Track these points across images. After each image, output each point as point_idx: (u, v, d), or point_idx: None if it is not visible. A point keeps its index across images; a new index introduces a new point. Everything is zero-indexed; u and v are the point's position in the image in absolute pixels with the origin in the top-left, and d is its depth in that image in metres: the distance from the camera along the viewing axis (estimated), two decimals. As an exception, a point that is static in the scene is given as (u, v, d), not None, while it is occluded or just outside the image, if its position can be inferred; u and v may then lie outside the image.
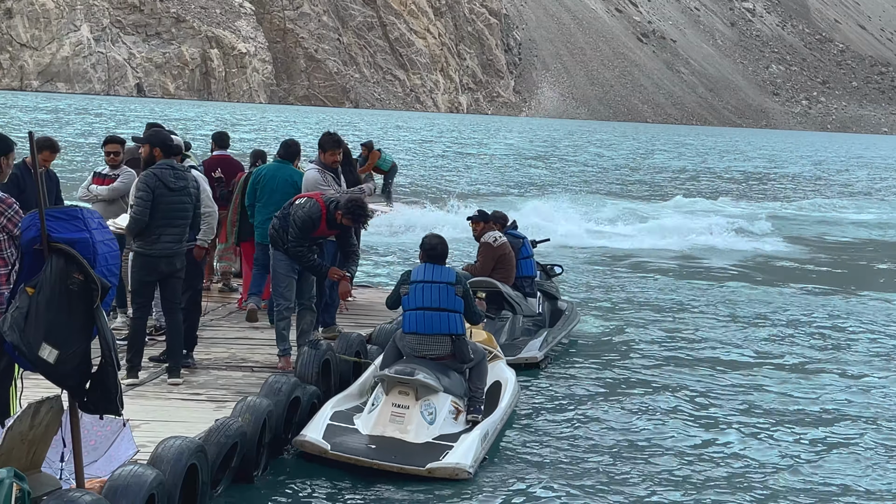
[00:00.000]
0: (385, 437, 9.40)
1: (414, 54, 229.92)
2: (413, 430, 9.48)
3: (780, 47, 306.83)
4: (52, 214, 6.12)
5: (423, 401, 9.62)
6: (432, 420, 9.60)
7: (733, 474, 9.68)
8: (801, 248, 29.64)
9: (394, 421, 9.53)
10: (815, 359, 14.87)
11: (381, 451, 9.17)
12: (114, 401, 6.14)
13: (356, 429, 9.51)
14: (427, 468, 8.96)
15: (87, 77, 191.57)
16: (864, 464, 10.14)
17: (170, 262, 9.90)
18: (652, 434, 10.80)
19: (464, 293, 10.25)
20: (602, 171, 63.78)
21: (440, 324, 10.15)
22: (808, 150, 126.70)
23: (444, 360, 10.17)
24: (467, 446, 9.28)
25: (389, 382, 9.72)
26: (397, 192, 33.67)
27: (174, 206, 9.86)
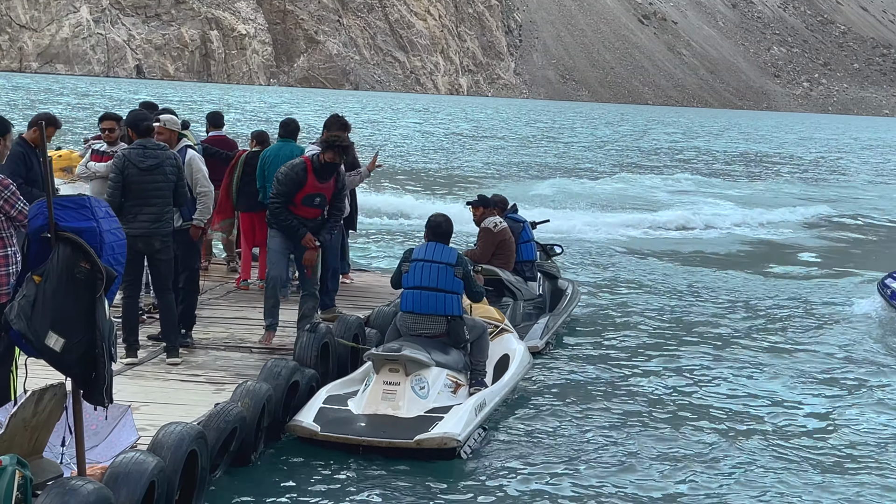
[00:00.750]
0: (377, 414, 9.45)
1: (414, 36, 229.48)
2: (405, 405, 9.53)
3: (782, 29, 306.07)
4: (60, 203, 6.17)
5: (413, 376, 9.69)
6: (424, 394, 9.66)
7: (732, 457, 9.72)
8: (809, 232, 29.57)
9: (385, 398, 9.58)
10: (814, 340, 14.92)
11: (372, 428, 9.21)
12: (101, 392, 6.19)
13: (349, 410, 9.58)
14: (415, 440, 8.99)
15: (87, 59, 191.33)
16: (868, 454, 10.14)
17: (147, 242, 9.93)
18: (651, 418, 10.86)
19: (464, 274, 10.35)
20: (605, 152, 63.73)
21: (436, 304, 10.26)
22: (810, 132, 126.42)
23: (439, 338, 10.29)
24: (459, 416, 9.33)
25: (378, 361, 9.82)
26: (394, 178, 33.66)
27: (146, 186, 9.90)
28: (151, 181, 9.93)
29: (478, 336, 10.51)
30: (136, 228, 9.84)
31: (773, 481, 9.15)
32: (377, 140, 60.01)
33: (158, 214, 9.97)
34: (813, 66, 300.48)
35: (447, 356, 10.15)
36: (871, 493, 8.99)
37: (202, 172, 10.82)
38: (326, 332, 10.70)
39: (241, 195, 13.91)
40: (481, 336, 10.54)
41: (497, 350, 11.16)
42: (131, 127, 10.27)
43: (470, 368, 10.39)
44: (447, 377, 9.94)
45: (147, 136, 10.09)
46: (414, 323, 10.31)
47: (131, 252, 9.80)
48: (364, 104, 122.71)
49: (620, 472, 9.15)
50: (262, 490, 8.22)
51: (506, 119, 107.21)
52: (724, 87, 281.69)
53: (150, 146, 10.03)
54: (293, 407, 9.60)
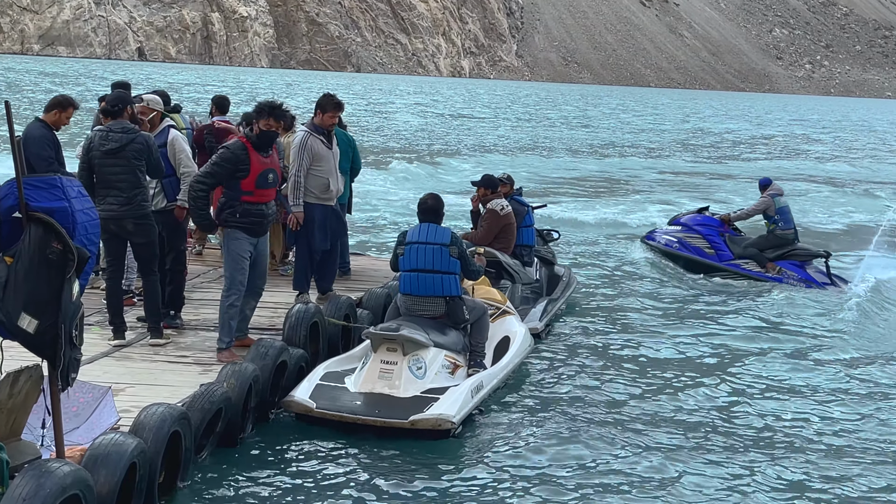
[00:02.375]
0: (374, 393, 9.43)
1: (416, 18, 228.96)
2: (402, 384, 9.52)
3: (784, 11, 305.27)
4: (31, 183, 6.06)
5: (411, 356, 9.68)
6: (421, 374, 9.65)
7: (730, 442, 9.65)
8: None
9: (382, 377, 9.57)
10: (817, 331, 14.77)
11: (367, 407, 9.19)
12: (64, 376, 6.10)
13: (345, 387, 9.55)
14: (410, 420, 8.97)
15: (88, 41, 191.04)
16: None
17: (119, 224, 9.81)
18: (648, 402, 10.79)
19: (459, 254, 10.31)
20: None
21: (433, 286, 10.24)
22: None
23: (439, 318, 10.27)
24: (454, 398, 9.32)
25: (376, 339, 9.79)
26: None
27: (109, 170, 9.80)
28: (113, 164, 9.81)
29: (478, 317, 10.49)
30: (106, 211, 9.74)
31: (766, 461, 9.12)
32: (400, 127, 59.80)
33: (128, 197, 9.81)
34: (815, 48, 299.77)
35: (445, 337, 10.13)
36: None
37: (185, 153, 10.70)
38: (316, 311, 10.61)
39: None
40: (481, 317, 10.52)
41: (498, 332, 11.13)
42: (101, 111, 10.28)
43: (469, 349, 10.37)
44: (445, 358, 9.93)
45: (117, 117, 9.97)
46: (413, 304, 10.30)
47: (108, 234, 9.76)
48: (369, 86, 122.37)
49: (617, 455, 9.06)
50: (249, 471, 8.15)
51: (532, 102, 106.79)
52: (726, 69, 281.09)
53: (116, 129, 9.86)
54: (282, 387, 9.53)
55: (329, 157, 11.91)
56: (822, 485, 8.74)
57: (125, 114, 9.95)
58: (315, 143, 11.86)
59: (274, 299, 12.34)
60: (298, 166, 11.80)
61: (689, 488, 8.44)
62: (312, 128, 11.98)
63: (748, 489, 8.51)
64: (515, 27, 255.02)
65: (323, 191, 11.88)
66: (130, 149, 9.80)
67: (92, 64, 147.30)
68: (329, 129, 11.99)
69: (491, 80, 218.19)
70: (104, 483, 6.41)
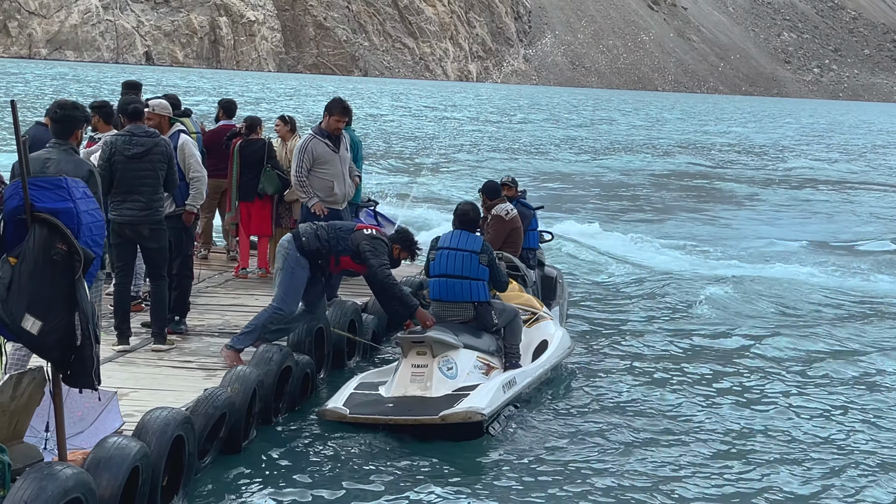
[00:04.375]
0: (406, 396, 9.56)
1: (423, 22, 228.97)
2: (433, 385, 9.64)
3: (792, 14, 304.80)
4: (36, 183, 6.06)
5: (440, 357, 9.78)
6: (453, 374, 9.75)
7: (772, 456, 9.51)
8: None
9: (414, 380, 9.69)
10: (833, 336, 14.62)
11: (399, 408, 9.32)
12: (90, 374, 6.10)
13: (379, 394, 9.69)
14: (440, 415, 9.04)
15: (96, 45, 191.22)
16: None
17: (135, 230, 9.84)
18: (685, 416, 10.67)
19: (489, 262, 10.41)
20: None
21: (462, 292, 10.34)
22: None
23: (469, 323, 10.36)
24: (485, 392, 9.42)
25: (406, 344, 9.91)
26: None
27: (133, 174, 9.79)
28: (138, 169, 9.80)
29: (509, 320, 10.57)
30: (124, 216, 9.75)
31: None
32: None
33: (147, 202, 9.84)
34: (823, 52, 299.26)
35: (478, 339, 10.22)
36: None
37: (195, 157, 10.71)
38: (321, 318, 10.61)
39: (238, 185, 13.81)
40: (513, 320, 10.60)
41: (536, 336, 11.22)
42: (120, 112, 10.22)
43: (504, 351, 10.46)
44: (477, 359, 10.01)
45: (136, 120, 9.97)
46: (442, 311, 10.40)
47: (121, 239, 9.75)
48: (378, 90, 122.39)
49: (646, 461, 9.01)
50: (252, 477, 8.12)
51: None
52: (734, 73, 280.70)
53: (139, 133, 9.87)
54: (286, 393, 9.51)
55: (335, 160, 11.90)
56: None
57: (142, 118, 9.94)
58: (318, 145, 11.86)
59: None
60: (297, 166, 11.85)
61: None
62: (318, 131, 12.01)
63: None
64: (523, 31, 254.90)
65: (327, 193, 11.89)
66: (155, 152, 9.79)
67: (101, 68, 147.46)
68: (335, 132, 11.98)
69: (499, 84, 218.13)
70: (106, 486, 6.39)
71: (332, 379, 10.81)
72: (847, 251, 23.73)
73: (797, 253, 22.79)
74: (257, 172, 13.65)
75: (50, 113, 8.26)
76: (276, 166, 13.76)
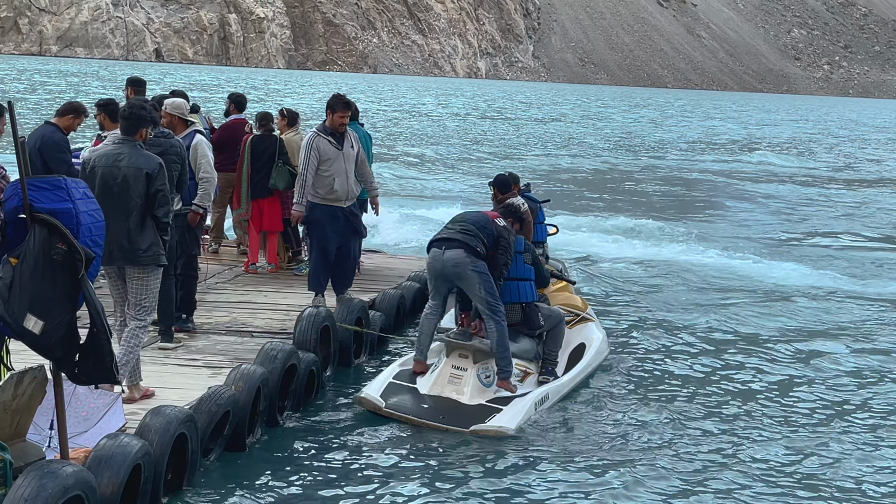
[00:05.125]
0: (441, 397, 9.69)
1: (432, 19, 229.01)
2: (468, 391, 9.73)
3: (802, 11, 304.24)
4: (35, 184, 6.06)
5: (481, 364, 9.88)
6: (489, 383, 9.85)
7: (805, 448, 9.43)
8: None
9: (452, 382, 9.83)
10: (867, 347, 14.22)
11: (432, 411, 9.46)
12: (109, 368, 6.10)
13: (416, 388, 9.80)
14: (471, 429, 9.19)
15: (106, 42, 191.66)
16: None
17: None
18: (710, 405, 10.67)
19: (533, 260, 10.47)
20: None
21: (509, 293, 10.32)
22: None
23: (515, 325, 10.33)
24: (517, 410, 9.48)
25: (450, 346, 10.02)
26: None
27: None
28: None
29: (553, 325, 10.58)
30: None
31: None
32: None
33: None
34: (833, 48, 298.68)
35: (517, 345, 10.27)
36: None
37: (207, 158, 10.64)
38: (327, 315, 10.58)
39: (249, 181, 13.82)
40: (557, 325, 10.61)
41: (575, 338, 11.24)
42: (109, 116, 10.29)
43: (542, 357, 10.47)
44: (515, 366, 10.07)
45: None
46: None
47: None
48: (390, 87, 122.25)
49: (675, 462, 8.94)
50: (257, 476, 8.07)
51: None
52: (743, 70, 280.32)
53: (155, 134, 9.86)
54: (291, 391, 9.50)
55: (338, 157, 11.85)
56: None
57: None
58: (322, 142, 11.84)
59: (286, 301, 12.35)
60: (305, 165, 11.83)
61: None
62: (322, 129, 11.99)
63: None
64: (532, 28, 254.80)
65: (327, 191, 11.84)
66: (170, 153, 9.69)
67: (111, 65, 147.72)
68: (339, 129, 11.95)
69: (507, 81, 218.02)
70: (107, 484, 6.40)
71: (339, 377, 10.79)
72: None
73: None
74: (269, 169, 13.65)
75: (120, 111, 8.75)
76: (288, 162, 13.77)
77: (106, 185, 8.31)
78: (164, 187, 8.32)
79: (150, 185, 8.29)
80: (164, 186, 8.32)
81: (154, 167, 8.27)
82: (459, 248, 9.81)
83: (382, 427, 9.34)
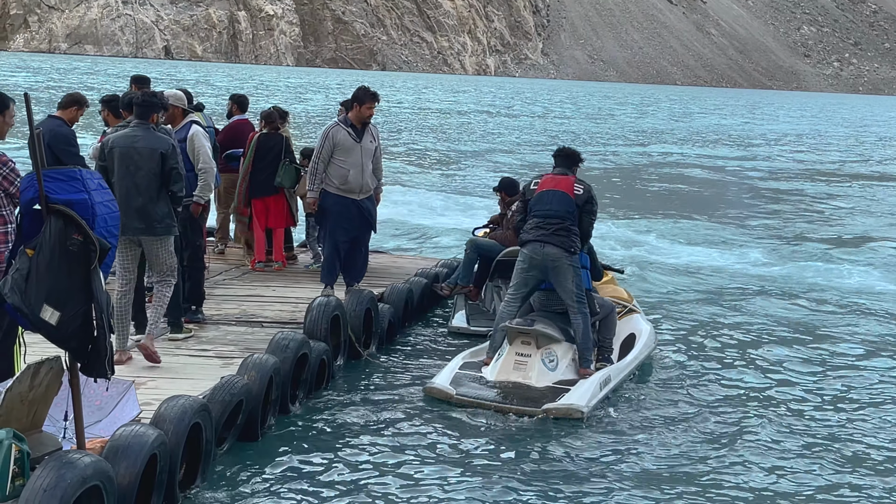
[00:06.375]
0: (508, 382, 10.01)
1: (441, 16, 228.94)
2: (535, 375, 10.07)
3: (812, 8, 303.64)
4: (51, 175, 6.09)
5: (544, 349, 10.18)
6: (553, 367, 10.16)
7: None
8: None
9: (517, 368, 10.14)
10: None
11: (503, 395, 9.77)
12: (104, 364, 6.14)
13: (482, 376, 10.14)
14: (543, 408, 9.47)
15: (115, 39, 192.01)
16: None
17: None
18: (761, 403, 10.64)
19: (589, 249, 10.76)
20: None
21: None
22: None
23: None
24: (584, 389, 9.80)
25: (512, 333, 10.27)
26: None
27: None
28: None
29: (606, 315, 10.86)
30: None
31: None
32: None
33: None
34: (843, 45, 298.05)
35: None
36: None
37: (204, 149, 10.61)
38: (337, 305, 10.61)
39: (252, 180, 13.80)
40: (609, 315, 10.91)
41: (624, 329, 11.51)
42: (111, 111, 10.43)
43: (597, 345, 10.73)
44: (575, 352, 10.36)
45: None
46: (546, 300, 10.67)
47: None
48: (400, 84, 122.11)
49: (724, 457, 8.94)
50: (271, 464, 8.10)
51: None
52: (753, 66, 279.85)
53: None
54: (303, 380, 9.54)
55: (355, 149, 11.90)
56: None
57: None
58: (339, 132, 11.88)
59: (295, 294, 12.40)
60: (318, 153, 11.89)
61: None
62: (343, 119, 12.04)
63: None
64: (541, 25, 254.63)
65: (342, 182, 11.89)
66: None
67: (120, 62, 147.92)
68: (365, 122, 12.01)
69: (517, 78, 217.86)
70: (125, 474, 6.42)
71: (348, 367, 10.83)
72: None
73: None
74: (274, 166, 13.65)
75: (134, 98, 9.61)
76: (294, 160, 13.79)
77: (123, 163, 9.14)
78: (178, 165, 9.19)
79: (165, 163, 9.14)
80: (178, 164, 9.19)
81: (167, 147, 9.14)
82: (559, 246, 10.32)
83: (393, 415, 9.37)
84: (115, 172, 9.17)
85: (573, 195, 10.40)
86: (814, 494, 8.30)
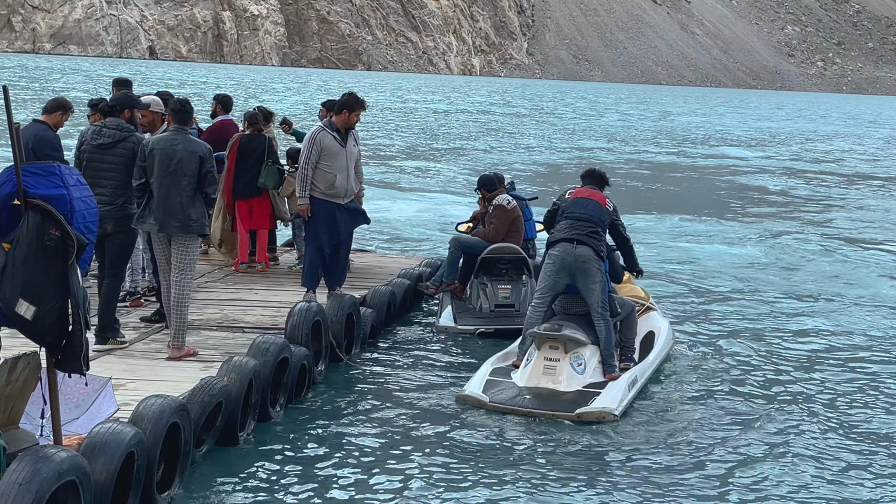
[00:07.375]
0: (539, 387, 10.08)
1: (426, 16, 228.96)
2: (564, 379, 10.14)
3: (796, 8, 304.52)
4: (29, 170, 6.06)
5: (572, 353, 10.26)
6: (582, 370, 10.25)
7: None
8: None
9: (546, 373, 10.21)
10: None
11: (535, 400, 9.86)
12: (79, 359, 6.13)
13: (513, 382, 10.19)
14: (576, 413, 9.56)
15: (100, 39, 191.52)
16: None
17: (99, 224, 9.78)
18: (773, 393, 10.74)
19: (608, 253, 10.80)
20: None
21: None
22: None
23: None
24: (615, 392, 9.91)
25: (540, 338, 10.32)
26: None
27: (98, 165, 9.78)
28: (101, 160, 9.78)
29: (627, 314, 10.95)
30: None
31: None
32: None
33: (111, 196, 9.72)
34: (827, 45, 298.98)
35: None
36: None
37: None
38: (318, 310, 10.56)
39: (236, 181, 13.75)
40: (630, 314, 11.02)
41: (644, 327, 11.62)
42: (100, 111, 10.48)
43: (619, 345, 10.83)
44: (601, 354, 10.49)
45: (111, 115, 10.00)
46: (568, 303, 10.73)
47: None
48: (388, 85, 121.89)
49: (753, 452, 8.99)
50: (249, 470, 7.97)
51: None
52: (737, 66, 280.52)
53: (110, 125, 9.85)
54: (284, 385, 9.48)
55: (341, 154, 11.87)
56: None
57: (124, 115, 9.95)
58: (326, 137, 11.86)
59: (277, 298, 12.32)
60: (305, 159, 11.85)
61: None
62: (328, 124, 12.00)
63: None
64: (526, 25, 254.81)
65: (328, 187, 11.85)
66: (122, 147, 9.73)
67: (105, 63, 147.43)
68: (351, 127, 12.00)
69: (502, 78, 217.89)
70: (101, 471, 6.38)
71: (330, 373, 10.76)
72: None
73: None
74: (258, 168, 13.63)
75: (171, 105, 10.10)
76: (277, 161, 13.76)
77: (163, 164, 9.52)
78: (213, 168, 9.68)
79: (202, 166, 9.57)
80: (213, 168, 9.68)
81: (205, 151, 9.62)
82: (590, 248, 10.45)
83: (374, 421, 9.29)
84: (155, 173, 9.52)
85: (605, 206, 10.71)
86: (855, 492, 8.27)
